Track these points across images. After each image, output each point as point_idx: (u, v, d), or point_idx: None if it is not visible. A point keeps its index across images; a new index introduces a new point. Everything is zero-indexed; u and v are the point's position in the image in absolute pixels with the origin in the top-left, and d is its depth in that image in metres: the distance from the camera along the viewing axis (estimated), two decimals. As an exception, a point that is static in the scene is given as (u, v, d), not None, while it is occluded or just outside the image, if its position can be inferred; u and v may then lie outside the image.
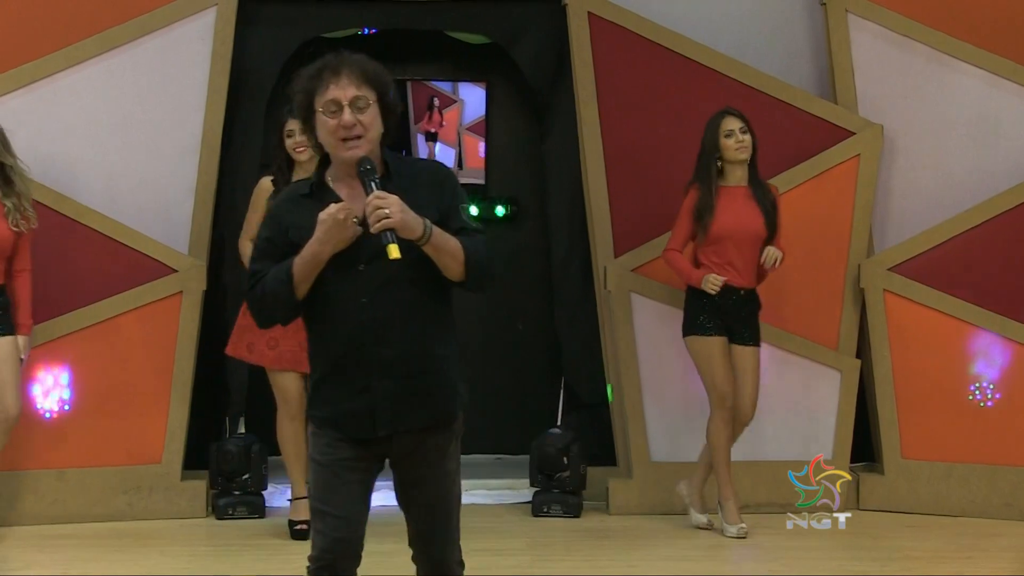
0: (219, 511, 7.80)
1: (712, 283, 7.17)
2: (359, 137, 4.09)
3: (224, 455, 7.81)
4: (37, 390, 7.62)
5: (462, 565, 4.41)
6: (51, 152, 7.51)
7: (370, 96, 4.10)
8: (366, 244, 4.07)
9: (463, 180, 9.13)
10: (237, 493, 7.82)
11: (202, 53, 7.91)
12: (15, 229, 7.01)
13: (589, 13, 8.05)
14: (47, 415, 7.66)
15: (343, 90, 4.07)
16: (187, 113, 7.91)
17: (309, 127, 4.17)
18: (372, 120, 4.11)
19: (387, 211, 3.95)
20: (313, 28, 8.32)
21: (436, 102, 9.10)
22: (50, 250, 7.39)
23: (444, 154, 9.14)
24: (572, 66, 8.11)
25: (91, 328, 7.70)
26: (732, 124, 7.27)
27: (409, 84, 9.07)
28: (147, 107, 7.91)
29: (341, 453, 4.23)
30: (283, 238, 4.17)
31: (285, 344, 7.11)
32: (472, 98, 9.21)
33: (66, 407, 7.69)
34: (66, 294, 7.47)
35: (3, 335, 7.07)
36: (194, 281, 7.80)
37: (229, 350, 7.43)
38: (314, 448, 4.30)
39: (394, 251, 3.95)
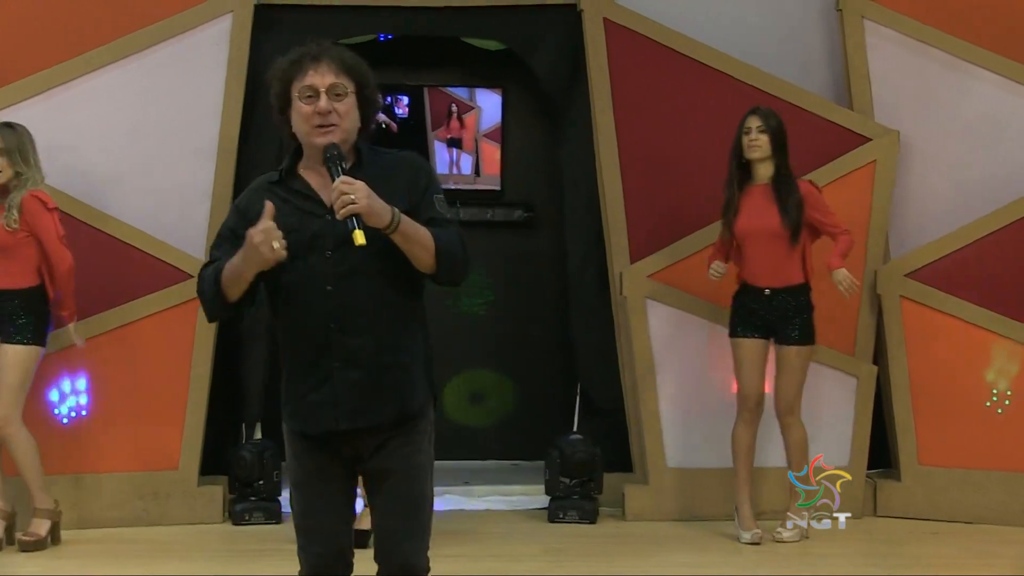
0: (236, 516, 7.81)
1: (714, 272, 7.34)
2: (333, 125, 4.02)
3: (241, 461, 7.81)
4: (55, 395, 7.62)
5: (428, 571, 4.23)
6: (67, 158, 7.52)
7: (348, 86, 4.05)
8: (333, 230, 4.00)
9: (480, 187, 9.13)
10: (254, 499, 7.83)
11: (218, 59, 7.92)
12: (9, 229, 7.07)
13: (605, 19, 8.04)
14: (64, 420, 7.66)
15: (321, 76, 4.03)
16: (203, 118, 7.92)
17: (284, 118, 4.12)
18: (348, 110, 4.05)
19: (352, 196, 3.87)
20: (329, 34, 8.22)
21: (455, 108, 9.08)
22: (67, 255, 7.35)
23: (465, 161, 9.13)
24: (588, 72, 8.10)
25: (108, 333, 7.70)
26: (751, 123, 7.28)
27: (426, 90, 9.05)
28: (163, 113, 7.91)
29: (312, 466, 4.17)
30: (245, 226, 4.05)
31: None
32: (488, 104, 9.20)
33: (83, 412, 7.69)
34: (83, 299, 7.43)
35: (13, 342, 7.10)
36: (211, 286, 7.79)
37: None
38: (288, 469, 4.25)
39: (359, 237, 3.87)
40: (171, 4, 7.93)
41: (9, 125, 7.17)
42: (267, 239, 3.88)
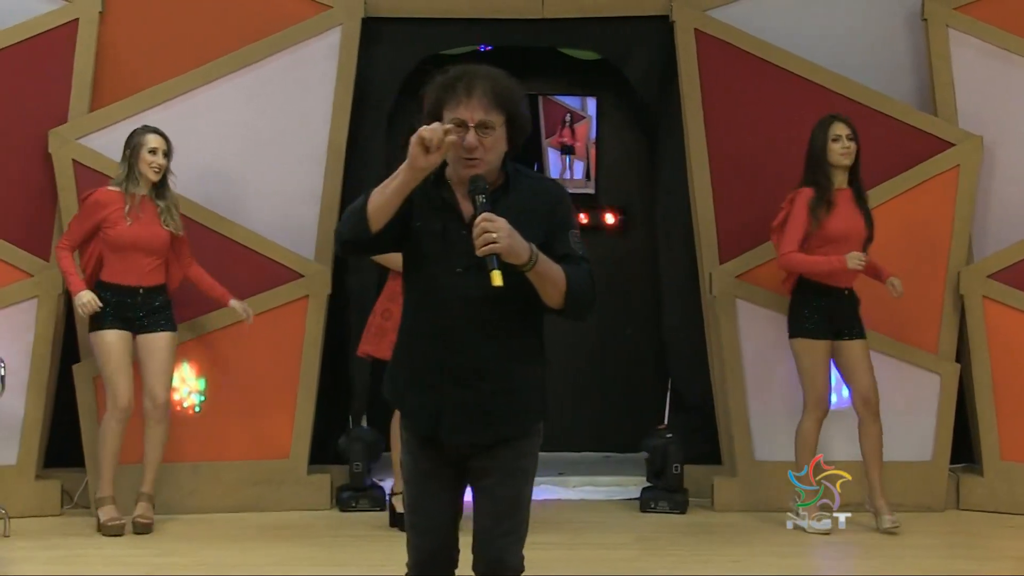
0: (342, 503, 7.87)
1: (857, 259, 7.13)
2: (478, 159, 3.96)
3: (347, 451, 7.88)
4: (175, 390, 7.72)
5: (522, 570, 4.17)
6: (187, 164, 7.57)
7: (497, 120, 3.97)
8: (467, 250, 3.90)
9: (587, 191, 9.16)
10: (360, 487, 7.88)
11: (328, 70, 7.99)
12: (168, 229, 7.28)
13: (696, 30, 8.03)
14: (184, 412, 7.76)
15: (471, 111, 3.95)
16: (314, 126, 7.99)
17: None
18: (495, 143, 3.98)
19: (494, 236, 3.79)
20: (432, 45, 8.38)
21: (569, 117, 9.12)
22: (189, 255, 7.50)
23: (578, 167, 9.18)
24: (679, 81, 8.09)
25: (223, 330, 7.79)
26: (840, 130, 7.26)
27: (540, 99, 9.08)
28: (277, 121, 7.99)
29: (424, 466, 4.18)
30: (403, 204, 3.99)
31: None
32: (590, 111, 9.23)
33: (201, 405, 7.80)
34: (200, 298, 7.57)
35: (163, 330, 7.30)
36: (319, 285, 7.88)
37: (368, 350, 7.38)
38: (403, 455, 4.25)
39: (497, 278, 3.78)
40: (284, 18, 8.00)
41: (160, 131, 7.35)
42: (434, 136, 3.80)
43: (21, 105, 7.80)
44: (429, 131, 3.82)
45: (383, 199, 3.93)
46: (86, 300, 7.18)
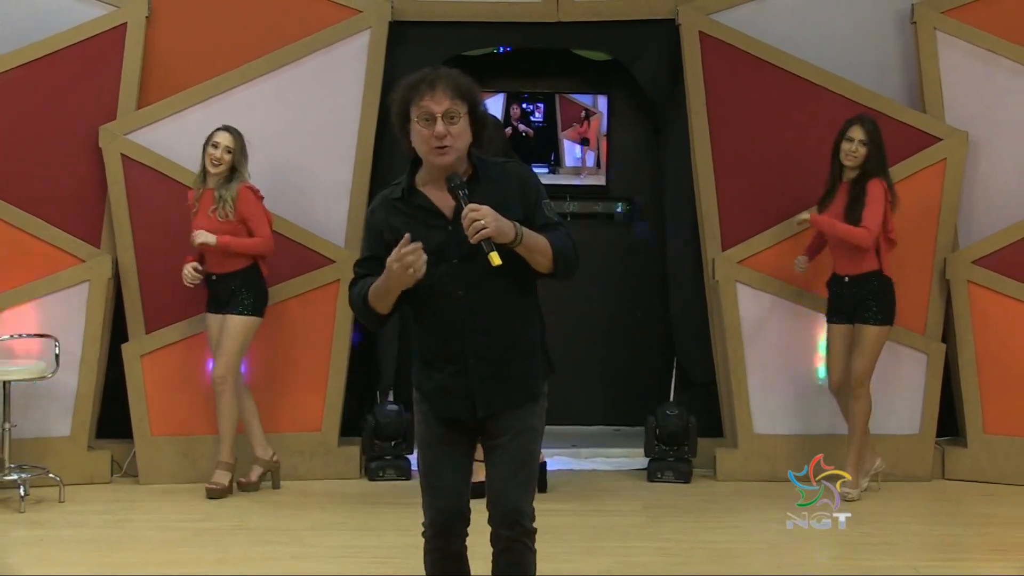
0: (371, 473, 7.94)
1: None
2: (448, 147, 4.08)
3: (376, 424, 7.95)
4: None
5: (533, 520, 4.28)
6: None
7: (461, 109, 4.08)
8: (456, 240, 4.06)
9: (598, 182, 9.22)
10: (386, 458, 7.95)
11: (357, 70, 8.01)
12: (221, 219, 7.35)
13: (700, 32, 8.05)
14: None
15: (437, 103, 4.06)
16: (344, 124, 8.02)
17: (404, 132, 4.16)
18: (461, 131, 4.10)
19: (483, 222, 3.93)
20: (454, 47, 8.39)
21: (584, 113, 9.18)
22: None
23: (589, 156, 9.24)
24: (685, 79, 8.12)
25: (262, 313, 7.87)
26: (854, 133, 7.29)
27: (557, 97, 9.13)
28: (310, 118, 8.03)
29: (438, 431, 4.27)
30: (379, 244, 4.17)
31: None
32: (602, 108, 9.28)
33: (241, 381, 7.82)
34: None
35: (233, 313, 7.40)
36: (349, 271, 7.91)
37: None
38: (418, 426, 4.34)
39: (495, 259, 3.93)
40: (316, 22, 8.02)
41: (233, 129, 7.45)
42: (404, 265, 3.95)
43: (74, 103, 7.86)
44: (413, 255, 3.95)
45: (383, 297, 4.13)
46: (187, 272, 7.42)
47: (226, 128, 7.44)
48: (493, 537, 4.28)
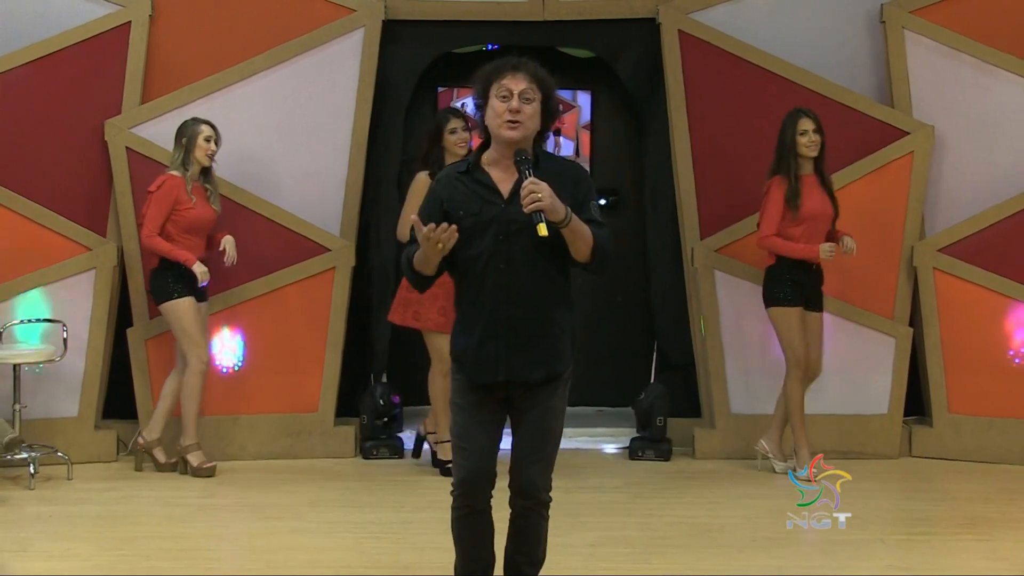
0: (365, 452, 7.96)
1: (828, 251, 7.24)
2: (519, 123, 4.24)
3: (370, 404, 7.98)
4: (217, 349, 7.83)
5: (549, 491, 4.51)
6: (227, 151, 7.61)
7: (536, 95, 4.28)
8: (506, 217, 4.25)
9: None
10: (381, 437, 7.98)
11: (352, 67, 8.01)
12: (215, 208, 7.41)
13: (680, 31, 8.07)
14: (225, 370, 7.87)
15: (517, 82, 4.27)
16: (339, 118, 8.03)
17: (481, 108, 4.33)
18: (533, 113, 4.28)
19: (539, 195, 4.10)
20: (444, 45, 8.40)
21: (560, 107, 9.20)
22: (227, 232, 7.58)
23: (566, 146, 9.27)
24: (665, 76, 8.14)
25: (260, 298, 7.89)
26: (807, 124, 7.30)
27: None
28: (306, 113, 8.04)
29: (473, 398, 4.42)
30: (439, 210, 4.34)
31: (452, 312, 7.23)
32: (586, 103, 9.33)
33: (240, 364, 7.91)
34: (239, 270, 7.65)
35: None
36: (345, 259, 7.97)
37: (395, 318, 7.47)
38: (454, 394, 4.49)
39: (543, 229, 4.11)
40: (312, 21, 8.02)
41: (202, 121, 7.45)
42: (434, 240, 4.17)
43: (80, 98, 7.87)
44: (445, 234, 4.17)
45: (423, 263, 4.32)
46: (204, 269, 7.32)
47: (207, 121, 7.43)
48: (511, 501, 4.50)
